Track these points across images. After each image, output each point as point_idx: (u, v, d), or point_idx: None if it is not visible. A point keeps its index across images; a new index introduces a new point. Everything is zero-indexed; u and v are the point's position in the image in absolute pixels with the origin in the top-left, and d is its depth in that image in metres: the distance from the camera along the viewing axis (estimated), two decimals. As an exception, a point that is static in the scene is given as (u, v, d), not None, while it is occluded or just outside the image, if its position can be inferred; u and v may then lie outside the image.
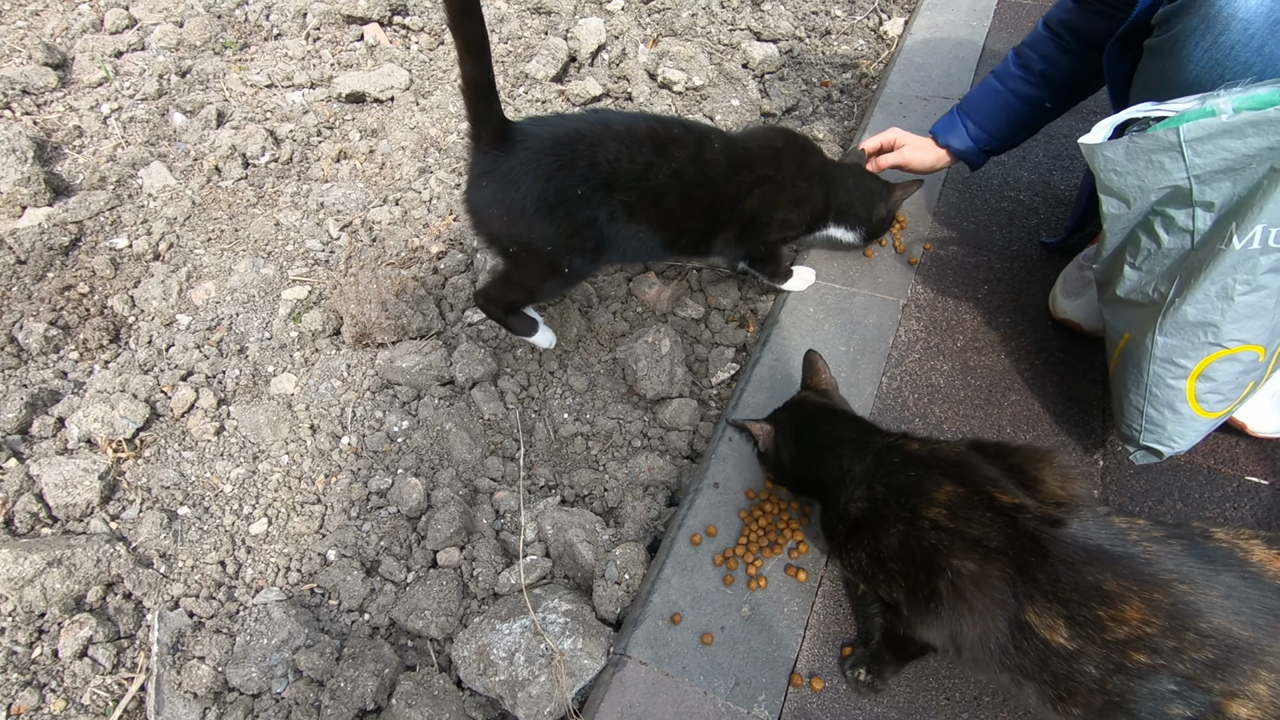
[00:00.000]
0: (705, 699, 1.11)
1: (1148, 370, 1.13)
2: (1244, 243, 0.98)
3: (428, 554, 1.37)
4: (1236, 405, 1.17)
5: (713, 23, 2.56)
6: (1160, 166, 1.01)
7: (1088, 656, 0.83)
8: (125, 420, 1.50)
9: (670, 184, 1.37)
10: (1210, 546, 0.85)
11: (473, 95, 1.22)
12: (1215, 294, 1.02)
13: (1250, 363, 1.08)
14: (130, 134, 2.17)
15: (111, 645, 1.24)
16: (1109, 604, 0.83)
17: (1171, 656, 0.80)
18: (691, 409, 1.56)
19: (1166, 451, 1.18)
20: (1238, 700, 0.79)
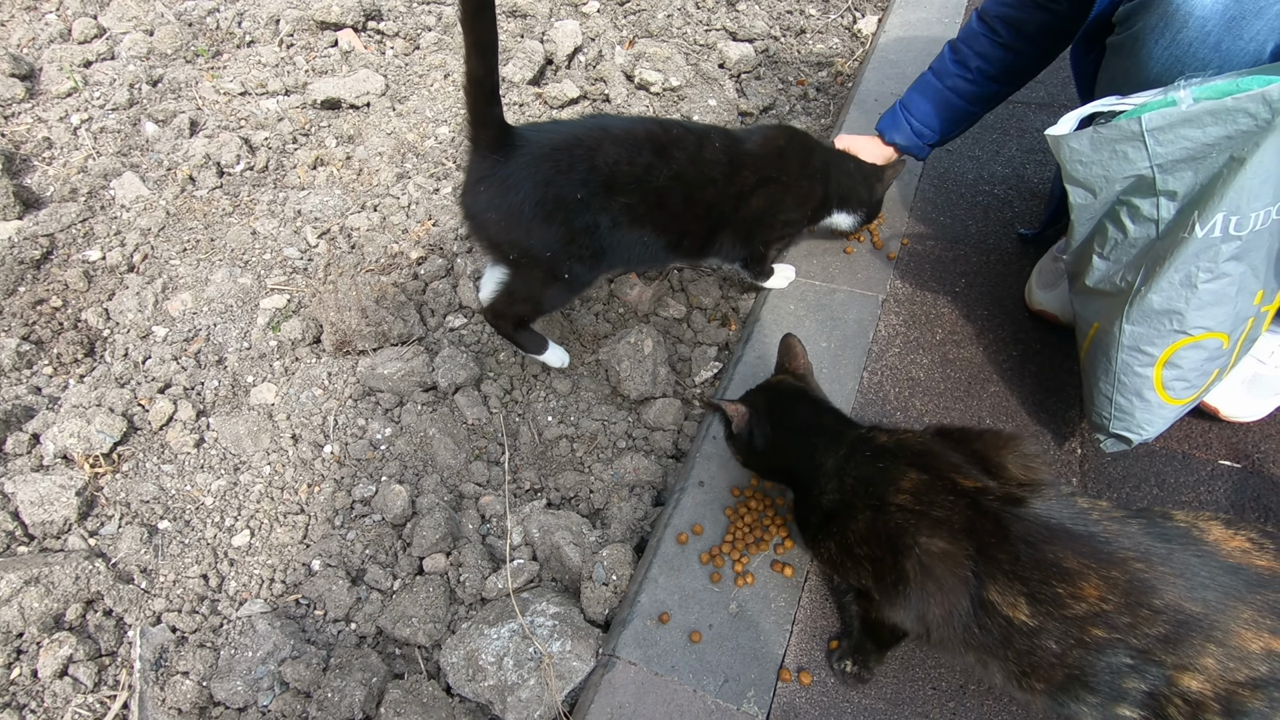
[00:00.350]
0: (695, 697, 1.11)
1: (1116, 358, 1.15)
2: (1206, 231, 1.00)
3: (413, 561, 1.36)
4: (1203, 392, 1.19)
5: (688, 23, 2.57)
6: (1124, 156, 1.03)
7: (1048, 632, 0.86)
8: (102, 435, 1.48)
9: (672, 186, 1.36)
10: (1168, 526, 0.88)
11: (476, 95, 1.20)
12: (1179, 282, 1.04)
13: (1214, 350, 1.11)
14: (101, 144, 2.14)
15: (92, 663, 1.22)
16: (1068, 581, 0.85)
17: (1126, 631, 0.83)
18: (675, 409, 1.57)
19: (1135, 439, 1.21)
20: (1188, 673, 0.81)
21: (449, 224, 1.96)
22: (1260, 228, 1.00)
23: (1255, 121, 0.93)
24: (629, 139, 1.33)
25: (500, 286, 1.42)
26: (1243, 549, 0.85)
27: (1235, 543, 0.85)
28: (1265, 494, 1.28)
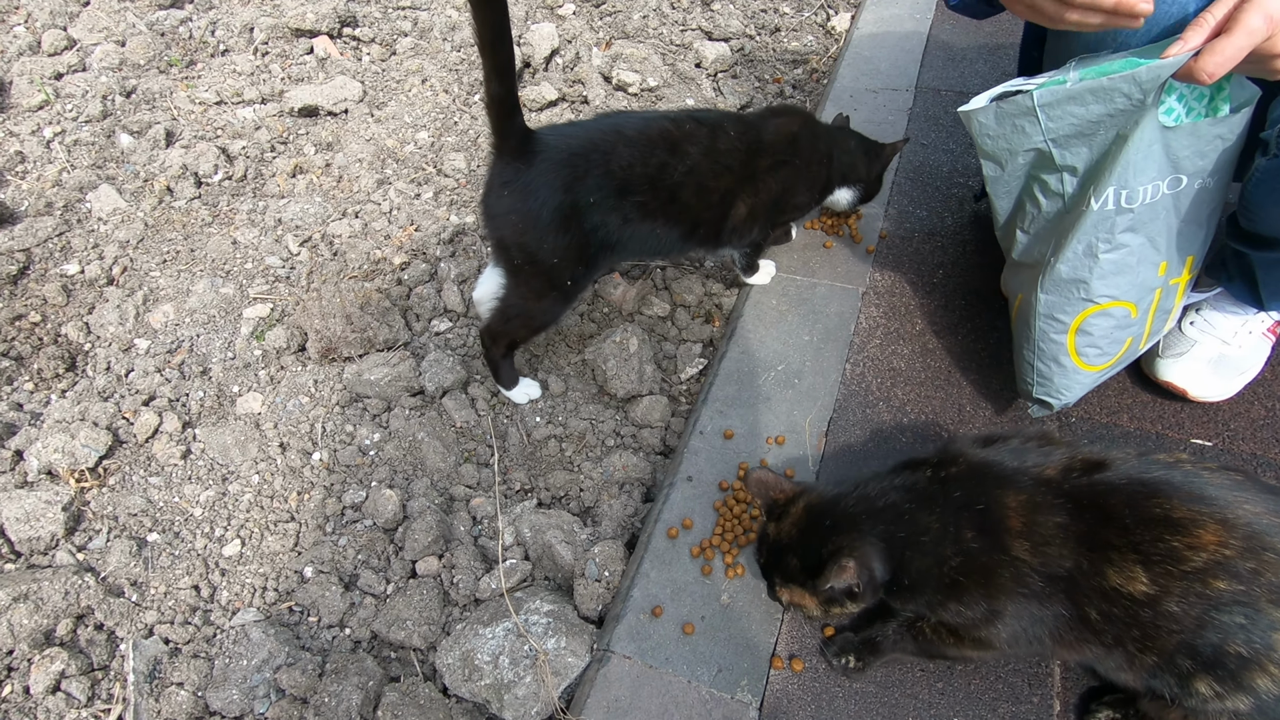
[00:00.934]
0: (690, 687, 1.13)
1: (1035, 326, 1.23)
2: (1100, 203, 1.07)
3: (406, 564, 1.37)
4: (1117, 360, 1.26)
5: (664, 24, 2.58)
6: (1022, 130, 1.10)
7: (1170, 595, 0.80)
8: (87, 449, 1.47)
9: (685, 181, 1.39)
10: (1266, 482, 0.85)
11: (498, 111, 1.25)
12: (1082, 252, 1.12)
13: (1123, 319, 1.18)
14: (76, 157, 2.12)
15: (85, 678, 1.21)
16: (1182, 532, 0.80)
17: (1250, 579, 0.78)
18: (662, 406, 1.58)
19: (1056, 404, 1.28)
20: None
21: (431, 229, 1.96)
22: (1151, 201, 1.08)
23: (1130, 101, 1.00)
24: (643, 139, 1.36)
25: (496, 304, 1.43)
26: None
27: None
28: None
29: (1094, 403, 1.43)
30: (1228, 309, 1.38)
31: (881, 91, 2.23)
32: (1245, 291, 1.33)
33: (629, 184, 1.34)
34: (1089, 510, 0.86)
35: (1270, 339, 1.41)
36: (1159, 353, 1.40)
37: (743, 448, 1.42)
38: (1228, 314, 1.38)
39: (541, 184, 1.30)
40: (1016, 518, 0.89)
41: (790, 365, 1.54)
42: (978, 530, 0.91)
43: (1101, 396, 1.44)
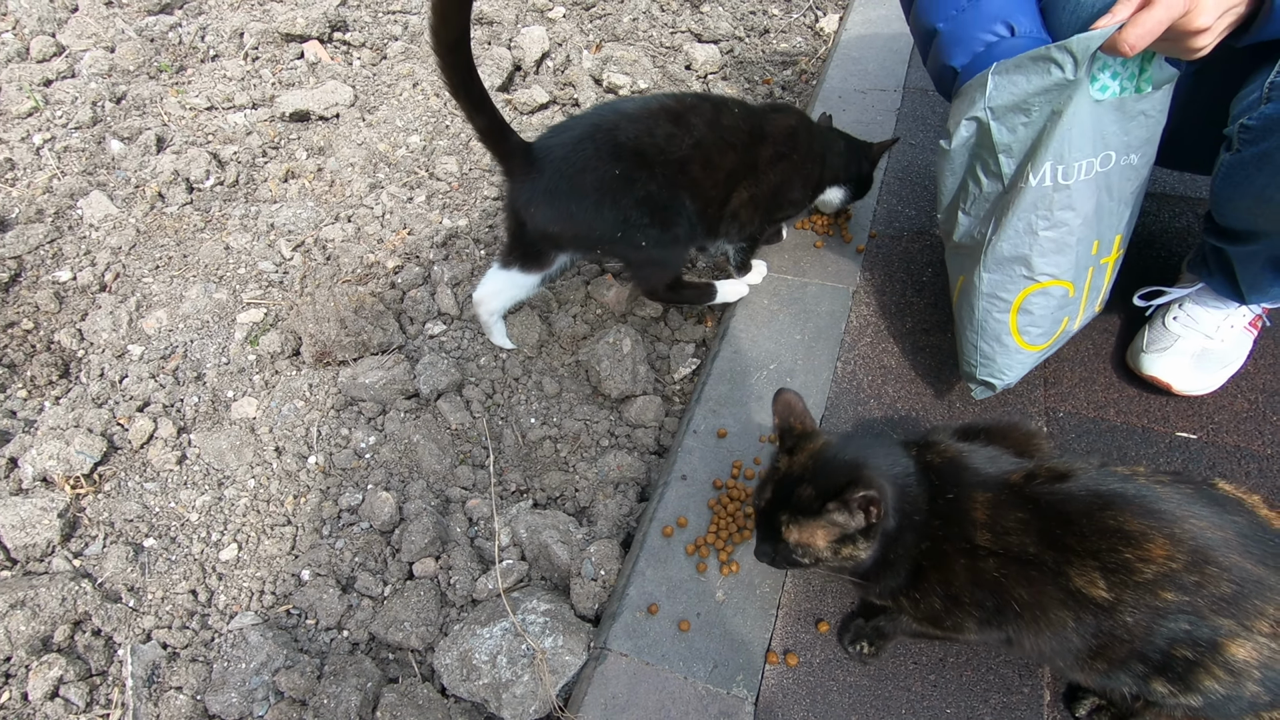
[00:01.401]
0: (686, 683, 1.15)
1: (978, 306, 1.26)
2: (1038, 180, 1.11)
3: (403, 566, 1.38)
4: (1055, 340, 1.30)
5: (654, 26, 2.60)
6: (971, 100, 1.14)
7: (1124, 605, 0.83)
8: (82, 455, 1.47)
9: (693, 153, 1.40)
10: (1218, 494, 0.87)
11: (491, 142, 1.33)
12: (1023, 229, 1.15)
13: (1062, 298, 1.22)
14: (66, 164, 2.12)
15: (84, 684, 1.22)
16: (1134, 545, 0.82)
17: (1194, 591, 0.81)
18: (656, 405, 1.60)
19: (999, 384, 1.31)
20: (1238, 640, 0.80)
21: (424, 232, 1.97)
22: (1085, 178, 1.11)
23: (1063, 71, 1.04)
24: (645, 114, 1.38)
25: (626, 275, 1.53)
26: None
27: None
28: (1220, 462, 1.34)
29: (1080, 397, 1.45)
30: (1210, 304, 1.40)
31: (870, 92, 2.25)
32: (1226, 286, 1.35)
33: (643, 154, 1.36)
34: (1050, 514, 0.88)
35: (1252, 332, 1.43)
36: (1143, 347, 1.43)
37: (736, 446, 1.44)
38: (1210, 309, 1.40)
39: (558, 183, 1.35)
40: (981, 511, 0.92)
41: (782, 364, 1.56)
42: (944, 519, 0.94)
43: (1088, 391, 1.46)
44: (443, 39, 1.17)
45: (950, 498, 0.94)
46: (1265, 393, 1.42)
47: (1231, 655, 0.81)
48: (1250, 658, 0.81)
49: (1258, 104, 1.06)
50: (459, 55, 1.20)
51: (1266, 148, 1.06)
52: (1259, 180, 1.09)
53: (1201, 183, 1.77)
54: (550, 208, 1.37)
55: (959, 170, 1.25)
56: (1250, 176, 1.10)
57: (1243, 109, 1.09)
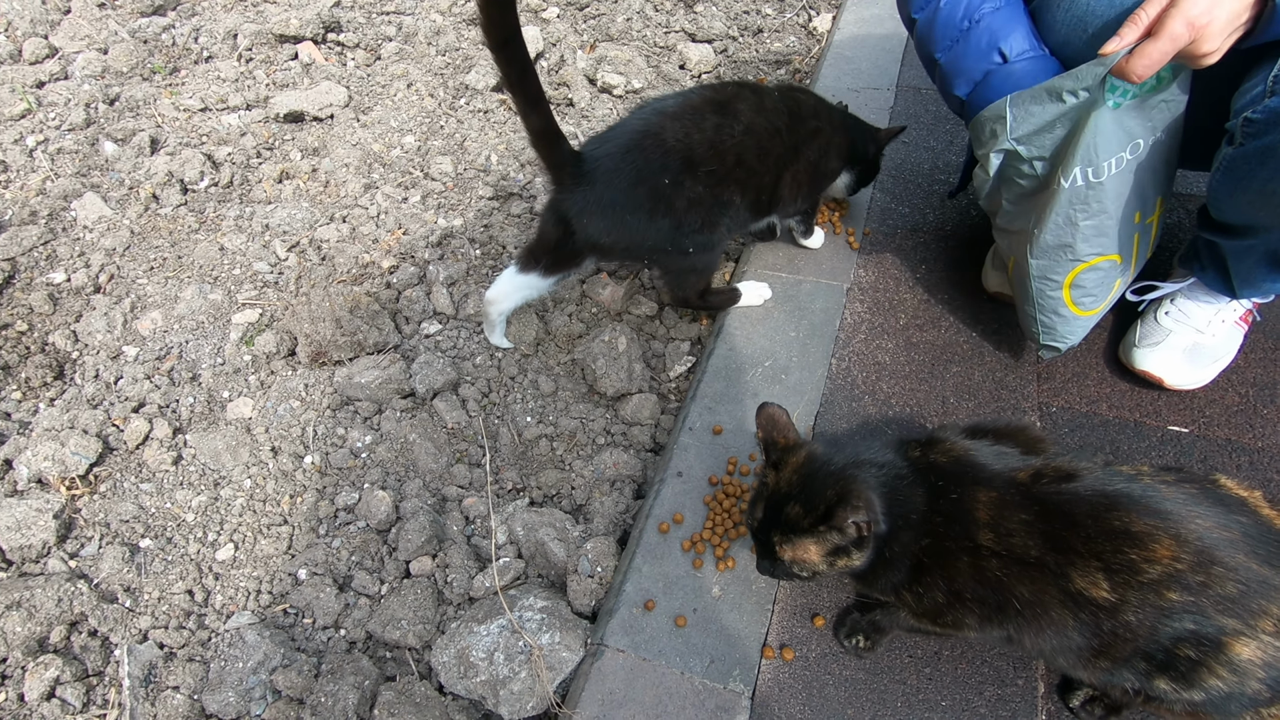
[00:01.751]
0: (682, 679, 1.15)
1: (1031, 286, 1.32)
2: (1069, 182, 1.16)
3: (400, 565, 1.38)
4: (1109, 302, 1.36)
5: (648, 26, 2.61)
6: (994, 135, 1.21)
7: (1128, 605, 0.83)
8: (77, 456, 1.47)
9: (745, 140, 1.40)
10: (1223, 493, 0.88)
11: (543, 145, 1.31)
12: (1063, 222, 1.22)
13: (1109, 268, 1.28)
14: (60, 166, 2.12)
15: (80, 684, 1.22)
16: (1139, 545, 0.82)
17: (1199, 591, 0.81)
18: (652, 403, 1.60)
19: (1063, 347, 1.38)
20: (1243, 639, 0.81)
21: (419, 232, 1.97)
22: (1116, 171, 1.16)
23: (1076, 97, 1.10)
24: (687, 110, 1.38)
25: (660, 282, 1.56)
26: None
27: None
28: (1212, 455, 1.35)
29: (1074, 392, 1.46)
30: (1201, 298, 1.41)
31: (863, 90, 2.26)
32: (1218, 280, 1.36)
33: (692, 153, 1.36)
34: (1055, 515, 0.88)
35: (1243, 327, 1.44)
36: (1135, 342, 1.44)
37: (731, 443, 1.45)
38: (1201, 303, 1.41)
39: (612, 194, 1.35)
40: (985, 511, 0.91)
41: (777, 361, 1.57)
42: (946, 517, 0.94)
43: (1080, 386, 1.47)
44: (494, 38, 1.18)
45: (954, 497, 0.94)
46: (1256, 386, 1.43)
47: (1236, 654, 0.82)
48: (1255, 657, 0.81)
49: (1261, 97, 1.06)
50: (513, 51, 1.20)
51: (1270, 141, 1.05)
52: (1262, 174, 1.09)
53: (1193, 179, 1.79)
54: (604, 219, 1.37)
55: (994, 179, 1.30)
56: (1253, 170, 1.10)
57: (1246, 103, 1.09)
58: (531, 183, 2.12)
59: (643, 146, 1.36)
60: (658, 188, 1.36)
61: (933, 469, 0.98)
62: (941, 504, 0.95)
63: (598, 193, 1.36)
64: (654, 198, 1.36)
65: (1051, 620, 0.88)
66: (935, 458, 0.99)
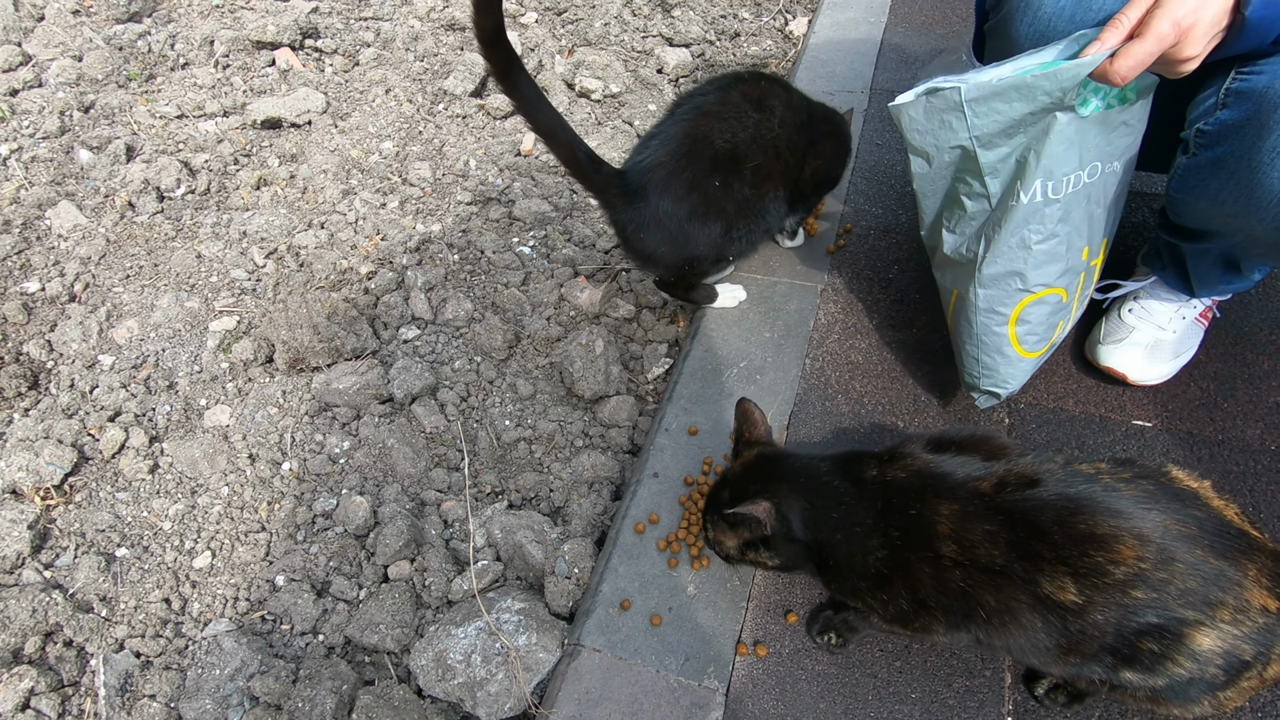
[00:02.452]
0: (658, 676, 1.16)
1: (975, 321, 1.27)
2: (1029, 197, 1.11)
3: (378, 569, 1.38)
4: (1051, 345, 1.33)
5: (625, 31, 2.63)
6: (949, 126, 1.11)
7: (1095, 606, 0.86)
8: (51, 466, 1.46)
9: (781, 133, 1.41)
10: (1177, 487, 0.90)
11: (579, 170, 1.31)
12: (1016, 245, 1.16)
13: (1056, 304, 1.24)
14: (33, 174, 2.10)
15: (55, 694, 1.21)
16: (1105, 548, 0.85)
17: (1162, 587, 0.84)
18: (629, 405, 1.62)
19: (1003, 393, 1.33)
20: (1203, 629, 0.84)
21: (397, 238, 1.98)
22: (1073, 190, 1.13)
23: (1050, 98, 1.04)
24: (726, 107, 1.37)
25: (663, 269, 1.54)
26: (1237, 514, 0.90)
27: (1230, 511, 0.90)
28: (1174, 449, 1.38)
29: (1040, 389, 1.49)
30: (1163, 297, 1.45)
31: (838, 93, 2.29)
32: (1178, 280, 1.40)
33: (738, 150, 1.36)
34: (1021, 524, 0.90)
35: (1203, 324, 1.48)
36: (1100, 339, 1.47)
37: (707, 443, 1.46)
38: (1163, 301, 1.45)
39: (668, 207, 1.35)
40: (947, 523, 0.93)
41: (752, 362, 1.59)
42: (904, 531, 0.96)
43: (1048, 382, 1.50)
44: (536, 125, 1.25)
45: (913, 512, 0.96)
46: (1216, 380, 1.46)
47: (1197, 645, 0.85)
48: (1214, 646, 0.85)
49: (1213, 110, 1.08)
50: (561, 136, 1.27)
51: (1221, 153, 1.08)
52: (1213, 184, 1.11)
53: (1157, 179, 1.83)
54: (661, 232, 1.38)
55: (940, 190, 1.24)
56: (1205, 180, 1.12)
57: (1199, 114, 1.11)
58: (510, 188, 2.13)
59: (692, 149, 1.34)
60: (709, 192, 1.35)
61: (888, 485, 1.00)
62: (897, 518, 0.97)
63: (654, 207, 1.35)
64: (706, 203, 1.36)
65: (1020, 624, 0.91)
66: (893, 474, 1.01)
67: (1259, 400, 1.43)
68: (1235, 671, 0.86)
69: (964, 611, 0.93)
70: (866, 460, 1.04)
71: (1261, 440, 1.37)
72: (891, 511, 0.98)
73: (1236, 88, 1.05)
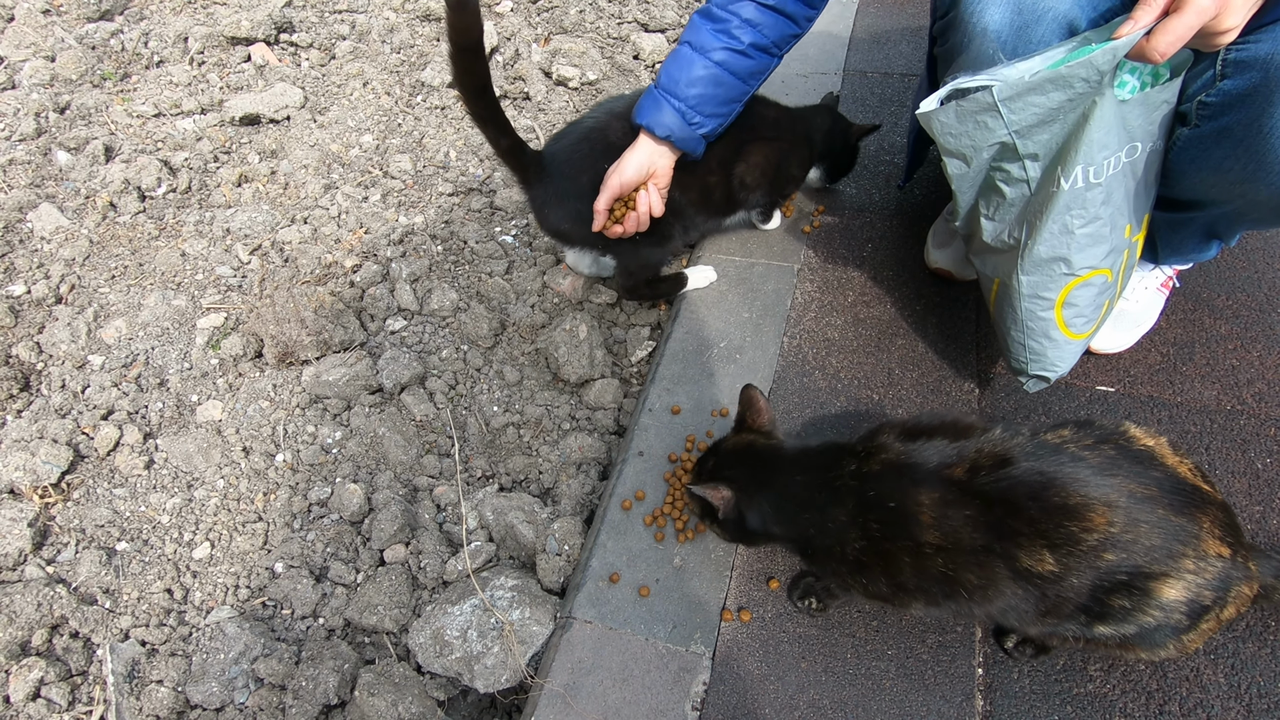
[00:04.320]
0: (647, 644, 1.22)
1: (1020, 308, 1.26)
2: (1070, 183, 1.12)
3: (374, 554, 1.43)
4: (1099, 324, 1.33)
5: (601, 18, 2.64)
6: (985, 125, 1.13)
7: (1071, 571, 0.91)
8: (48, 465, 1.49)
9: None
10: (1137, 449, 0.96)
11: (510, 159, 1.45)
12: (1059, 230, 1.16)
13: (1102, 285, 1.24)
14: (12, 177, 2.10)
15: (64, 684, 1.25)
16: (1077, 518, 0.91)
17: (1129, 548, 0.90)
18: (614, 388, 1.66)
19: (1052, 376, 1.33)
20: (1169, 581, 0.90)
21: (380, 230, 2.00)
22: (1114, 172, 1.14)
23: (1088, 84, 1.05)
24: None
25: (615, 272, 1.70)
26: (1191, 470, 0.96)
27: (1184, 468, 0.96)
28: (1136, 411, 1.44)
29: (1009, 359, 1.54)
30: (1125, 267, 1.50)
31: (811, 76, 2.32)
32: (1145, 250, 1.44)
33: None
34: (998, 505, 0.95)
35: (1164, 293, 1.54)
36: (1065, 310, 1.52)
37: (690, 421, 1.51)
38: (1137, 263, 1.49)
39: (566, 186, 1.48)
40: (928, 513, 0.97)
41: (732, 341, 1.63)
42: (883, 523, 1.01)
43: (1016, 353, 1.55)
44: (468, 88, 1.31)
45: (892, 505, 1.00)
46: (1175, 346, 1.53)
47: (1164, 596, 0.91)
48: (1179, 596, 0.91)
49: (1213, 81, 1.09)
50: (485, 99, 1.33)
51: (1227, 122, 1.09)
52: (1217, 154, 1.12)
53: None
54: (562, 208, 1.51)
55: (975, 183, 1.24)
56: (1208, 150, 1.14)
57: (1198, 87, 1.12)
58: (491, 177, 2.16)
59: (590, 140, 1.47)
60: (600, 178, 1.44)
61: (865, 478, 1.04)
62: (876, 512, 1.01)
63: (556, 185, 1.49)
64: (596, 186, 1.45)
65: (1001, 594, 0.96)
66: (869, 468, 1.04)
67: (1215, 363, 1.50)
68: (1196, 615, 0.93)
69: (945, 591, 0.99)
70: (844, 455, 1.08)
71: (1218, 400, 1.44)
72: (870, 505, 1.02)
73: (1235, 58, 1.05)
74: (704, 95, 1.39)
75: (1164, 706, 1.11)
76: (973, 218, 1.30)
